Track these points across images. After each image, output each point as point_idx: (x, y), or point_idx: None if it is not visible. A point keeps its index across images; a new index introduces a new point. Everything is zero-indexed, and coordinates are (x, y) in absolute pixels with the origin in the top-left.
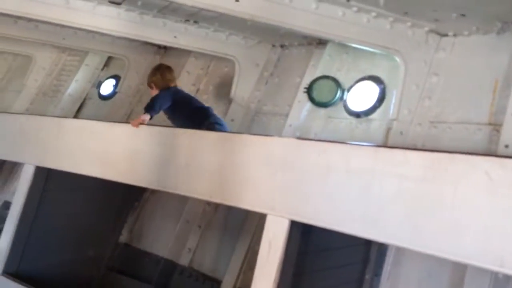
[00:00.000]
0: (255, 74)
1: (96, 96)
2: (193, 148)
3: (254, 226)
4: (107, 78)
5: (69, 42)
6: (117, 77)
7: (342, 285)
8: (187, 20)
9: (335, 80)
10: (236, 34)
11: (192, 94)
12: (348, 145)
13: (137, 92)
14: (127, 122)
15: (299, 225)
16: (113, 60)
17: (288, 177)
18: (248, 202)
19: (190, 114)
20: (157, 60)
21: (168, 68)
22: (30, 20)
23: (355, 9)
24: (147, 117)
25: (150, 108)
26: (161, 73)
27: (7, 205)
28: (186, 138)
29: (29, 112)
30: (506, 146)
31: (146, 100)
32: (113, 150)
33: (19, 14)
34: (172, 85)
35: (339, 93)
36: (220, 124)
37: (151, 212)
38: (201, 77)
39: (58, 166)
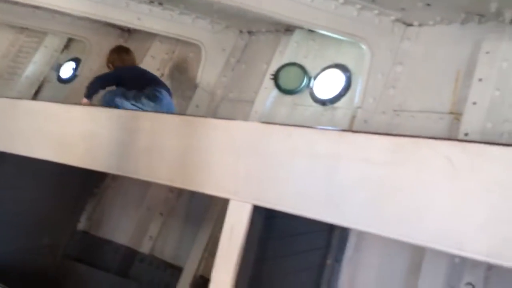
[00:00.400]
0: (221, 59)
1: (55, 79)
2: (154, 131)
3: (217, 213)
4: (67, 61)
5: (28, 22)
6: (77, 60)
7: (304, 270)
8: (151, 2)
9: (301, 67)
10: (202, 18)
11: None
12: (313, 129)
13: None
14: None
15: (262, 210)
16: (73, 42)
17: (252, 161)
18: (210, 187)
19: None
20: (120, 43)
21: (126, 49)
22: None
23: None
24: (84, 100)
25: (87, 90)
26: (117, 53)
27: None
28: (147, 121)
29: None
30: (466, 134)
31: None
32: (70, 133)
33: None
34: (129, 64)
35: (305, 81)
36: (159, 96)
37: (111, 199)
38: (166, 61)
39: (12, 149)
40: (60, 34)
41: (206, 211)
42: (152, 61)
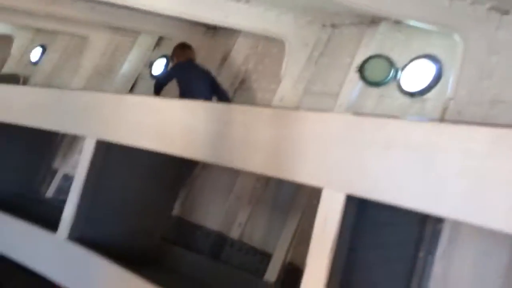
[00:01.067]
0: (304, 54)
1: (148, 76)
2: (248, 123)
3: (304, 203)
4: (158, 58)
5: (123, 22)
6: (167, 57)
7: (396, 262)
8: (238, 0)
9: (388, 59)
10: (286, 14)
11: (241, 75)
12: (408, 121)
13: None
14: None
15: (355, 200)
16: (164, 40)
17: (344, 152)
18: (303, 176)
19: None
20: (205, 40)
21: (180, 45)
22: (87, 1)
23: None
24: None
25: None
26: (174, 49)
27: (67, 177)
28: (241, 113)
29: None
30: None
31: None
32: (169, 124)
33: None
34: (182, 59)
35: (392, 72)
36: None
37: (202, 187)
38: (249, 57)
39: (118, 140)
40: (152, 33)
41: (293, 200)
42: (237, 57)
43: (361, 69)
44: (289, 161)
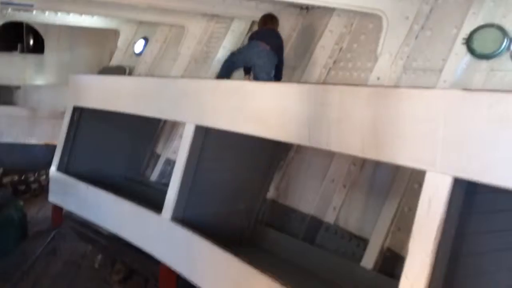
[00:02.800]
0: (404, 28)
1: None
2: (344, 103)
3: (403, 186)
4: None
5: (218, 9)
6: None
7: (506, 250)
8: None
9: (500, 28)
10: None
11: (336, 54)
12: None
13: None
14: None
15: (463, 183)
16: (255, 24)
17: (452, 132)
18: (405, 158)
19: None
20: (299, 20)
21: (269, 17)
22: None
23: None
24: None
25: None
26: (262, 19)
27: (168, 162)
28: (337, 94)
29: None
30: None
31: (289, 63)
32: (264, 108)
33: None
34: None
35: (505, 43)
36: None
37: (296, 171)
38: (344, 35)
39: (215, 125)
40: (246, 18)
41: (391, 183)
42: (330, 36)
43: (468, 41)
44: (389, 143)
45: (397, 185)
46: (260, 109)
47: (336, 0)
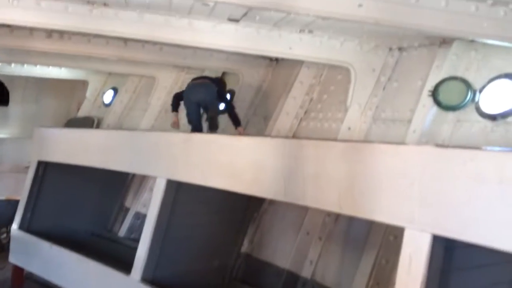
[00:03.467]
0: (371, 79)
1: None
2: (320, 158)
3: (380, 238)
4: None
5: (189, 61)
6: (231, 92)
7: None
8: (301, 31)
9: (464, 81)
10: (351, 40)
11: (306, 104)
12: (501, 152)
13: (251, 105)
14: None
15: (442, 240)
16: (227, 75)
17: (428, 188)
18: (382, 214)
19: None
20: (269, 71)
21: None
22: (156, 43)
23: (490, 2)
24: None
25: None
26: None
27: (138, 215)
28: (312, 148)
29: (154, 128)
30: None
31: (260, 112)
32: (239, 162)
33: (149, 39)
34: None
35: (469, 95)
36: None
37: (270, 223)
38: (314, 86)
39: (188, 179)
40: (216, 69)
41: (367, 235)
42: (300, 87)
43: (434, 93)
44: (365, 199)
45: (373, 237)
46: (234, 163)
47: (304, 53)
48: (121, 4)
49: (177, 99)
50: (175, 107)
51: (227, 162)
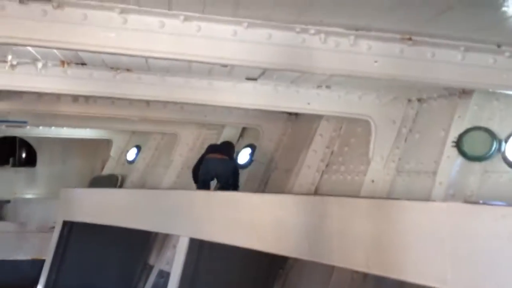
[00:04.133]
0: (392, 131)
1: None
2: (344, 216)
3: None
4: (243, 148)
5: (210, 118)
6: (252, 146)
7: None
8: (319, 86)
9: (488, 131)
10: (369, 94)
11: (327, 157)
12: None
13: (272, 159)
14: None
15: None
16: (247, 130)
17: (459, 246)
18: (413, 274)
19: None
20: (289, 126)
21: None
22: (177, 103)
23: (507, 54)
24: None
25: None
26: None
27: (161, 274)
28: (336, 205)
29: (176, 185)
30: None
31: (281, 166)
32: (260, 220)
33: (171, 100)
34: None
35: (495, 145)
36: None
37: (296, 280)
38: (334, 139)
39: (210, 238)
40: (236, 125)
41: None
42: (320, 140)
43: (458, 143)
44: (394, 257)
45: None
46: (256, 221)
47: (323, 107)
48: (143, 68)
49: (196, 173)
50: (197, 181)
51: (249, 220)
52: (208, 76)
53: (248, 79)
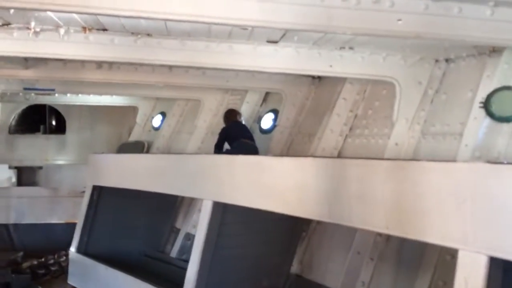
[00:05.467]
0: (418, 93)
1: (258, 131)
2: (364, 178)
3: (435, 258)
4: (266, 113)
5: (232, 83)
6: (275, 111)
7: None
8: (342, 48)
9: None
10: (394, 55)
11: (351, 121)
12: None
13: (295, 124)
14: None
15: (500, 262)
16: (270, 95)
17: (482, 207)
18: (433, 235)
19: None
20: (312, 89)
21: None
22: (199, 68)
23: None
24: None
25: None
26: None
27: (188, 236)
28: (356, 168)
29: (200, 150)
30: None
31: (305, 131)
32: (282, 183)
33: (192, 65)
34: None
35: None
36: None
37: (319, 242)
38: (358, 102)
39: (233, 201)
40: (259, 90)
41: (422, 256)
42: (344, 104)
43: (486, 104)
44: (414, 219)
45: (428, 256)
46: (278, 184)
47: (346, 70)
48: (163, 33)
49: (220, 151)
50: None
51: (271, 183)
52: (228, 39)
53: (269, 42)
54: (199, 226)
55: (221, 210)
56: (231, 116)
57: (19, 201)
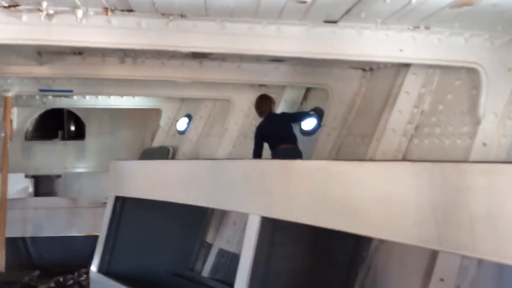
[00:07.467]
0: (508, 82)
1: (298, 132)
2: (495, 190)
3: None
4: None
5: (270, 78)
6: (318, 110)
7: None
8: (416, 27)
9: None
10: (479, 35)
11: (417, 118)
12: None
13: (345, 123)
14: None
15: None
16: (312, 91)
17: None
18: None
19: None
20: (363, 84)
21: (263, 97)
22: (234, 61)
23: None
24: None
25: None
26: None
27: (222, 253)
28: (482, 175)
29: (232, 155)
30: None
31: (356, 131)
32: (359, 195)
33: (231, 51)
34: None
35: None
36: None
37: (385, 264)
38: (424, 96)
39: (288, 217)
40: (299, 86)
41: None
42: (407, 98)
43: None
44: None
45: None
46: (354, 196)
47: (417, 55)
48: (200, 12)
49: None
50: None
51: (344, 195)
52: (278, 18)
53: (327, 22)
54: (244, 245)
55: (271, 227)
56: (264, 106)
57: (36, 212)
